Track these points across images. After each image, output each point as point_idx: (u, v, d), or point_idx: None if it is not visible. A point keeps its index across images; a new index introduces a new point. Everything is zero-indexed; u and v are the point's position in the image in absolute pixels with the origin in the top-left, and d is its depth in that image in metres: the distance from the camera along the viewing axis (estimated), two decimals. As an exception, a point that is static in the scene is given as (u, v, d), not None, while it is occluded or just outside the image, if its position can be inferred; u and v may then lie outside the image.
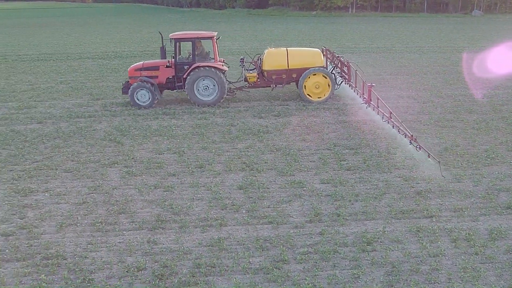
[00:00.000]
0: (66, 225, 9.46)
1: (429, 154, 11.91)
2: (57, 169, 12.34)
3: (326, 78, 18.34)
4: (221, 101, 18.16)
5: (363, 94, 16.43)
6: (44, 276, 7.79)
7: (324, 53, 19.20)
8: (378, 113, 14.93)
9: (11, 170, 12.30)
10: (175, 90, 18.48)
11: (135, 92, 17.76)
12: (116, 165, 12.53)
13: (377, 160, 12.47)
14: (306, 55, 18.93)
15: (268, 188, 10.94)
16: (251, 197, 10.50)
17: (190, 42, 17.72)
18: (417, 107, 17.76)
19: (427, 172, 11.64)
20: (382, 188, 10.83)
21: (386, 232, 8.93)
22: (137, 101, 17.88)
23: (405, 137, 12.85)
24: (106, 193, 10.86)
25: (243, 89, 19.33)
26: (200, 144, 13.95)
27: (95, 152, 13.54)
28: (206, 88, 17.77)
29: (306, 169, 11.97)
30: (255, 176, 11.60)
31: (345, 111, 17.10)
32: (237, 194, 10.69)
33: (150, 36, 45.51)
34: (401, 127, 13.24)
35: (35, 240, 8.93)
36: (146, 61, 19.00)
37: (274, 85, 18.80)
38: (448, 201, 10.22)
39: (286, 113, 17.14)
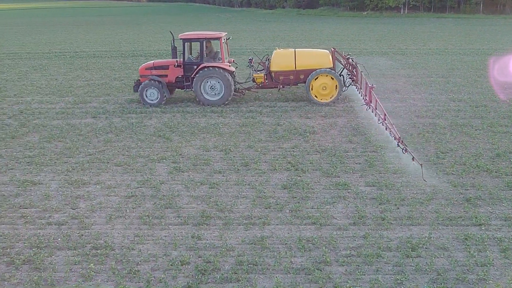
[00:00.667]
0: (115, 217, 9.73)
1: (413, 157, 11.48)
2: (108, 162, 12.70)
3: (333, 79, 17.98)
4: (228, 101, 18.14)
5: (365, 95, 16.20)
6: (93, 265, 8.04)
7: (333, 54, 18.70)
8: (375, 114, 14.46)
9: (66, 162, 12.77)
10: (184, 90, 18.70)
11: (145, 91, 18.09)
12: (164, 160, 12.77)
13: (425, 164, 12.13)
14: (314, 56, 18.65)
15: (312, 189, 10.87)
16: (295, 197, 10.46)
17: (198, 43, 17.81)
18: (469, 110, 17.19)
19: (477, 178, 11.25)
20: (429, 193, 10.54)
21: (432, 239, 8.69)
22: (146, 99, 18.20)
23: (394, 139, 12.59)
24: (154, 187, 11.08)
25: (251, 89, 19.26)
26: (246, 143, 14.02)
27: (145, 147, 13.85)
28: (212, 88, 17.86)
29: (351, 171, 11.81)
30: (300, 176, 11.55)
31: (394, 114, 16.74)
32: (281, 194, 10.67)
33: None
34: (392, 129, 12.86)
35: (86, 230, 9.24)
36: (156, 61, 19.31)
37: (281, 86, 18.65)
38: (498, 209, 9.83)
39: (333, 114, 16.98)
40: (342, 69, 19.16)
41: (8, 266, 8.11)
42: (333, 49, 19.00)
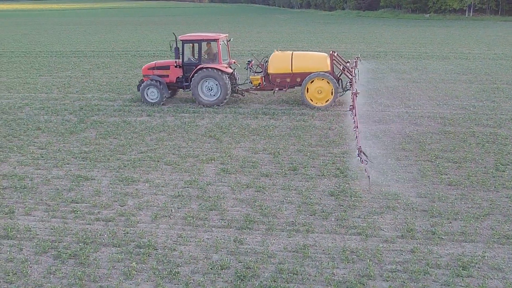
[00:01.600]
0: (160, 216, 9.76)
1: (365, 169, 11.01)
2: (158, 161, 12.82)
3: (329, 84, 17.50)
4: (224, 102, 18.16)
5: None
6: (135, 263, 8.07)
7: (331, 58, 18.08)
8: (354, 121, 13.65)
9: (118, 159, 13.00)
10: (184, 90, 18.83)
11: (146, 90, 18.50)
12: (212, 161, 12.73)
13: (483, 176, 11.43)
14: (310, 59, 18.19)
15: (360, 197, 10.47)
16: (342, 205, 10.11)
17: (197, 44, 18.00)
18: (534, 120, 16.10)
19: (540, 194, 10.44)
20: (486, 208, 9.88)
21: (485, 258, 8.10)
22: (146, 98, 18.62)
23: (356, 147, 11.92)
24: (201, 188, 11.05)
25: (250, 91, 19.10)
26: (295, 147, 13.76)
27: (195, 147, 13.89)
28: (209, 89, 17.99)
29: (402, 180, 11.29)
30: (348, 184, 11.17)
31: (452, 121, 15.94)
32: (327, 201, 10.35)
33: (257, 37, 46.14)
34: (358, 137, 12.33)
35: (131, 228, 9.31)
36: (158, 61, 19.58)
37: (276, 89, 18.44)
38: (562, 229, 9.06)
39: (387, 120, 16.39)
40: (340, 73, 18.42)
41: (55, 260, 8.28)
42: (331, 52, 18.40)
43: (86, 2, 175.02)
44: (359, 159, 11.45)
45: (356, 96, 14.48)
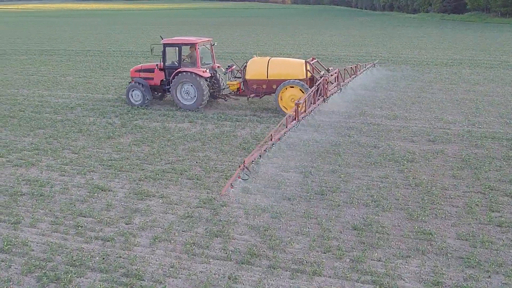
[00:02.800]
0: (161, 239, 8.93)
1: (232, 184, 10.52)
2: (182, 174, 12.04)
3: (302, 92, 16.50)
4: (202, 106, 17.97)
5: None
6: (114, 296, 7.27)
7: (307, 65, 17.13)
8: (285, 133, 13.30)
9: (142, 170, 12.39)
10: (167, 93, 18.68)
11: (130, 91, 18.70)
12: (237, 178, 11.72)
13: (543, 217, 9.49)
14: (286, 66, 17.42)
15: (387, 234, 8.99)
16: (363, 242, 8.71)
17: (177, 48, 17.86)
18: None
19: None
20: (539, 261, 8.06)
21: (524, 332, 6.43)
22: (131, 100, 18.82)
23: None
24: (214, 209, 10.10)
25: (230, 96, 18.66)
26: (331, 166, 12.41)
27: (224, 160, 12.99)
28: (187, 92, 17.92)
29: (443, 216, 9.63)
30: (378, 216, 9.70)
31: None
32: (348, 236, 8.98)
33: (329, 40, 44.50)
34: (258, 152, 11.77)
35: (126, 252, 8.56)
36: (144, 64, 19.75)
37: (252, 95, 17.88)
38: None
39: (444, 139, 14.50)
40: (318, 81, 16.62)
41: (37, 282, 7.70)
42: (311, 59, 17.79)
43: (173, 3, 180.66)
44: (242, 172, 10.81)
45: (298, 107, 14.10)
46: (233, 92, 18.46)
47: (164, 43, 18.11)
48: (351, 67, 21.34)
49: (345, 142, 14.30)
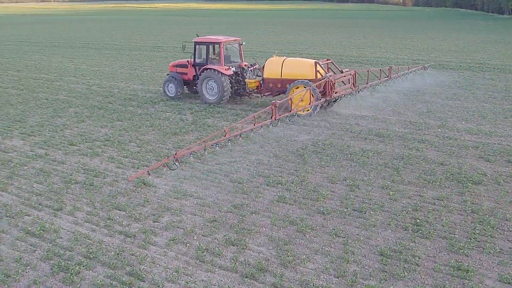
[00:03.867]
0: (178, 242, 8.80)
1: (149, 172, 11.24)
2: (228, 176, 11.81)
3: (310, 92, 16.51)
4: (223, 102, 18.55)
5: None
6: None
7: (315, 66, 17.25)
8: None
9: (193, 168, 12.34)
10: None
11: (166, 85, 19.97)
12: (279, 185, 11.23)
13: None
14: (298, 66, 17.74)
15: (416, 265, 7.93)
16: (385, 271, 7.77)
17: (204, 46, 18.84)
18: None
19: None
20: None
21: None
22: (167, 92, 20.13)
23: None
24: (242, 216, 9.75)
25: (252, 94, 19.10)
26: (383, 181, 11.35)
27: (274, 166, 12.52)
28: (211, 88, 18.64)
29: (490, 251, 8.28)
30: (414, 242, 8.63)
31: None
32: (371, 261, 8.08)
33: (438, 45, 41.45)
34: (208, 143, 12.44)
35: (140, 250, 8.55)
36: (181, 60, 20.68)
37: (265, 94, 18.51)
38: None
39: (527, 162, 12.57)
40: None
41: (50, 270, 7.94)
42: (322, 61, 18.01)
43: (289, 3, 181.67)
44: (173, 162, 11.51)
45: (276, 107, 14.75)
46: (252, 90, 19.01)
47: (194, 41, 19.15)
48: (388, 69, 21.18)
49: (410, 155, 13.03)
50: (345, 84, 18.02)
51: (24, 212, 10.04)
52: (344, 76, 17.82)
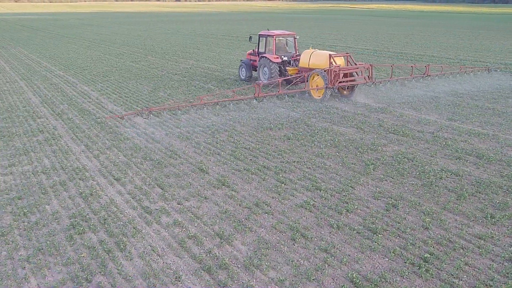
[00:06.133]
0: (171, 230, 9.33)
1: (123, 117, 16.38)
2: (286, 185, 11.83)
3: (322, 80, 19.06)
4: (274, 83, 20.55)
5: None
6: (84, 254, 8.25)
7: (329, 58, 19.24)
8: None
9: (263, 166, 12.66)
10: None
11: (240, 69, 23.95)
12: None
13: None
14: (319, 58, 19.88)
15: (376, 299, 7.00)
16: (335, 297, 7.05)
17: (264, 38, 22.46)
18: None
19: None
20: None
21: None
22: (240, 75, 24.00)
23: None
24: (252, 233, 9.76)
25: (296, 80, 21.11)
26: (428, 205, 9.91)
27: (337, 171, 11.96)
28: (265, 73, 21.91)
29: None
30: (401, 276, 7.50)
31: None
32: None
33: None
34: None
35: (144, 227, 9.34)
36: (254, 49, 23.42)
37: (297, 81, 21.12)
38: None
39: None
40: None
41: (69, 230, 9.34)
42: (341, 54, 20.10)
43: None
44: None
45: (259, 86, 18.61)
46: (290, 76, 21.35)
47: (259, 34, 22.84)
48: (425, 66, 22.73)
49: (490, 180, 10.98)
50: (357, 76, 19.85)
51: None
52: (356, 68, 19.51)
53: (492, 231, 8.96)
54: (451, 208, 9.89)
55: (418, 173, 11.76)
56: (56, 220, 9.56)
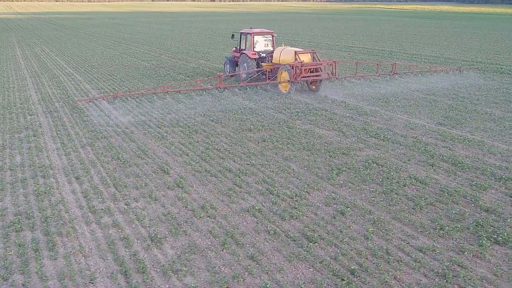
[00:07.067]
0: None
1: (91, 101, 19.22)
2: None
3: (287, 75, 20.31)
4: (251, 77, 22.22)
5: None
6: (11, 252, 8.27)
7: (295, 54, 20.56)
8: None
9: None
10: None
11: (225, 65, 25.12)
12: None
13: None
14: (286, 54, 21.07)
15: None
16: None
17: (244, 36, 23.63)
18: None
19: None
20: None
21: None
22: (225, 70, 24.99)
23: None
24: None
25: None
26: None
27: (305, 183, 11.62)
28: (244, 68, 22.89)
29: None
30: (314, 288, 7.16)
31: None
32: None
33: None
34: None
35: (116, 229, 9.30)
36: (237, 46, 24.43)
37: (270, 76, 22.01)
38: None
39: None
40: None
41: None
42: (307, 51, 21.39)
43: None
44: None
45: (221, 77, 20.41)
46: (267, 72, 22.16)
47: (240, 32, 23.93)
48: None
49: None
50: (321, 71, 20.98)
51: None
52: (320, 64, 20.69)
53: (435, 244, 8.46)
54: (402, 217, 9.42)
55: (381, 180, 11.29)
56: (1, 217, 9.62)
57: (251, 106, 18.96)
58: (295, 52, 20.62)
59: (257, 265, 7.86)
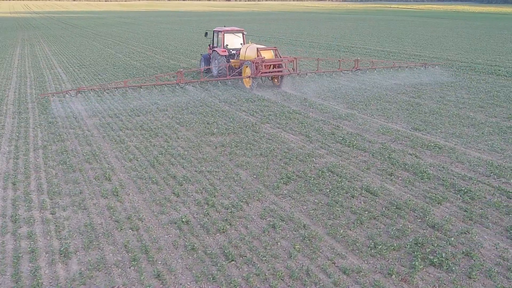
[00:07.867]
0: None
1: (52, 95, 19.41)
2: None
3: (250, 70, 21.01)
4: (220, 74, 22.83)
5: None
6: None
7: (257, 50, 21.15)
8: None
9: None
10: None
11: (201, 62, 25.10)
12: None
13: None
14: (250, 51, 21.75)
15: None
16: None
17: (216, 34, 24.19)
18: None
19: None
20: None
21: None
22: (200, 66, 25.12)
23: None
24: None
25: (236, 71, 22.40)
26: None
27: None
28: (215, 65, 23.27)
29: None
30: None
31: None
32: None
33: None
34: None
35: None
36: (210, 44, 25.13)
37: (237, 71, 22.17)
38: None
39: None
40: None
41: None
42: (269, 48, 21.95)
43: None
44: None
45: (181, 73, 20.68)
46: (236, 68, 22.50)
47: (213, 30, 24.54)
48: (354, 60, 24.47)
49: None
50: (284, 68, 21.76)
51: None
52: (280, 61, 21.37)
53: (363, 264, 7.71)
54: (337, 233, 8.68)
55: (329, 190, 10.54)
56: None
57: (224, 108, 18.34)
58: (257, 49, 21.23)
59: (161, 285, 7.23)
